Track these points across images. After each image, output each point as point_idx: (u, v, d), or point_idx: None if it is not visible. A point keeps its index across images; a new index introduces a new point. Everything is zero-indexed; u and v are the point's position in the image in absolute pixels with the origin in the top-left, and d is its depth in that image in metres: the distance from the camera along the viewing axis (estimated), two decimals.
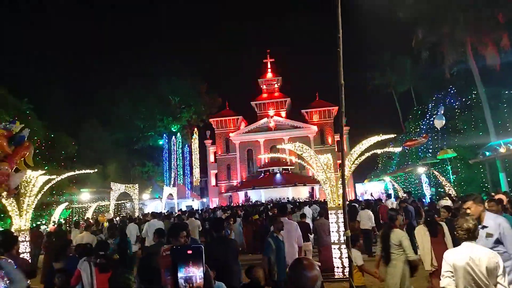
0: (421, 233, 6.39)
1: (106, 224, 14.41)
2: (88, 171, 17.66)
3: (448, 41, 23.93)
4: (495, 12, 21.64)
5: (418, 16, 24.89)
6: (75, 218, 22.17)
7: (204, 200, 51.44)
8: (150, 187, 40.64)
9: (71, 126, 35.52)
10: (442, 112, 22.68)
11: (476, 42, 22.80)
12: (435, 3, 23.71)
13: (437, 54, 26.43)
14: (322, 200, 27.62)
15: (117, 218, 18.41)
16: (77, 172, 14.53)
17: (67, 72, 45.43)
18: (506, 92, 23.87)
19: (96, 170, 18.48)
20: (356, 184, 39.82)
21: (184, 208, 31.94)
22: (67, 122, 35.72)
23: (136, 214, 19.42)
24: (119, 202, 25.47)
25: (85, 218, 20.74)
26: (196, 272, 1.79)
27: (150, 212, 16.91)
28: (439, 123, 22.62)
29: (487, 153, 19.59)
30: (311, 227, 10.85)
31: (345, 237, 5.29)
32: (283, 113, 51.73)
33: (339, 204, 8.51)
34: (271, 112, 50.91)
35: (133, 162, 45.09)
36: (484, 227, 4.26)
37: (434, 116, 24.89)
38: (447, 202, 12.55)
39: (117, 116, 49.04)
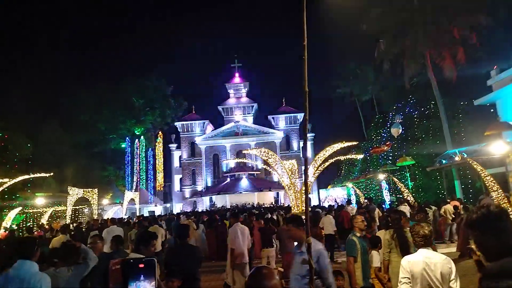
0: (382, 237, 6.52)
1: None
2: (44, 174, 16.84)
3: (408, 53, 24.94)
4: (451, 28, 22.84)
5: (381, 29, 25.85)
6: (28, 224, 21.00)
7: (168, 205, 50.46)
8: (110, 192, 39.33)
9: (29, 128, 33.80)
10: (399, 121, 23.57)
11: (434, 55, 23.91)
12: (397, 17, 24.72)
13: (398, 65, 27.51)
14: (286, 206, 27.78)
15: (74, 224, 17.60)
16: (32, 175, 13.81)
17: (27, 71, 43.18)
18: (462, 103, 25.19)
19: (52, 173, 17.62)
20: (320, 190, 40.49)
21: (146, 214, 31.14)
22: (24, 123, 33.94)
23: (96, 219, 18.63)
24: (77, 207, 24.44)
25: (40, 223, 19.75)
26: (148, 287, 1.69)
27: (109, 218, 16.32)
28: (395, 131, 23.51)
29: (444, 161, 20.48)
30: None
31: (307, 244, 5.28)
32: (250, 118, 51.86)
33: (302, 210, 8.57)
34: (238, 117, 50.89)
35: (93, 165, 43.49)
36: (302, 253, 4.14)
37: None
38: (405, 208, 12.97)
39: (79, 118, 47.26)
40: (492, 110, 21.42)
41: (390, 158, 27.70)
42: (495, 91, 19.92)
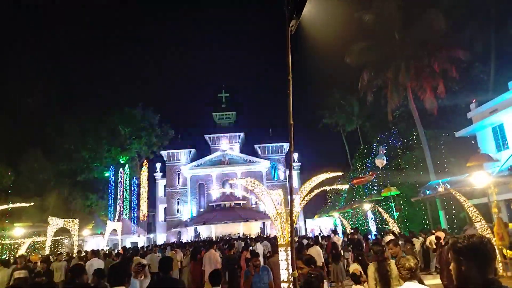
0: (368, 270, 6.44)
1: (40, 265, 13.06)
2: (24, 204, 16.36)
3: (391, 85, 25.66)
4: (432, 62, 23.73)
5: (364, 61, 26.67)
6: (5, 256, 20.16)
7: (151, 236, 49.26)
8: (92, 222, 38.25)
9: (10, 156, 33.08)
10: (383, 152, 23.91)
11: (416, 87, 24.66)
12: (379, 51, 25.59)
13: (381, 97, 28.20)
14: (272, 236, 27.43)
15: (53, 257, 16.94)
16: (11, 205, 13.39)
17: (8, 98, 42.48)
18: (444, 134, 25.80)
19: (33, 203, 17.11)
20: (307, 220, 40.25)
21: (128, 245, 30.30)
22: (4, 151, 33.22)
23: (75, 252, 18.02)
24: (57, 238, 23.64)
25: (17, 255, 18.97)
26: None
27: (89, 250, 15.80)
28: (379, 162, 23.79)
29: (428, 192, 20.67)
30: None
31: (292, 277, 5.19)
32: (237, 147, 51.89)
33: (289, 241, 8.46)
34: (224, 146, 50.89)
35: (75, 194, 42.45)
36: None
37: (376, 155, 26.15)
38: (390, 238, 12.93)
39: (63, 146, 46.44)
40: (473, 142, 21.96)
41: (375, 188, 27.88)
42: (475, 124, 20.51)
